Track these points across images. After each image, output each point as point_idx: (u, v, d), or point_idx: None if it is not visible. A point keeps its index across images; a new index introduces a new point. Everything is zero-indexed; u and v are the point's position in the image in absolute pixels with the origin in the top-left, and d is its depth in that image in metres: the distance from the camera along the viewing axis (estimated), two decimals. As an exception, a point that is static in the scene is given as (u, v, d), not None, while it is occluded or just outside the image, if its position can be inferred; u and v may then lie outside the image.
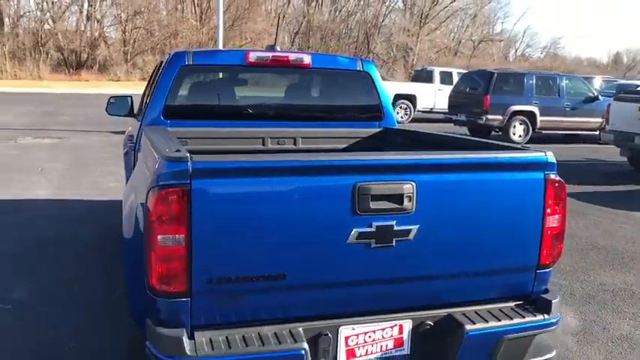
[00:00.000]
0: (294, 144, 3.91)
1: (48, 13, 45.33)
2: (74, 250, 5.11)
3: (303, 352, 2.16)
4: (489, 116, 14.36)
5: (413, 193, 2.27)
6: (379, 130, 4.03)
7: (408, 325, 2.42)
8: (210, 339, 2.16)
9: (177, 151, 2.21)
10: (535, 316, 2.52)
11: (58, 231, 5.66)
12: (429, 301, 2.45)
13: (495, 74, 14.78)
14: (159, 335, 2.10)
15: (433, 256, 2.38)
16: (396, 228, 2.27)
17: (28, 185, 7.82)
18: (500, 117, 14.45)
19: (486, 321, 2.43)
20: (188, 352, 2.08)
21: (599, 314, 4.28)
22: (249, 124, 3.85)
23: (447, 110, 16.48)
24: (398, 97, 19.35)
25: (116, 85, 36.18)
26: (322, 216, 2.21)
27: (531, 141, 14.67)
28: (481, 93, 14.51)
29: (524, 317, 2.50)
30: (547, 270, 2.61)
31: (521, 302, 2.59)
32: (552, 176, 2.51)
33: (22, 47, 43.12)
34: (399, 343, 2.42)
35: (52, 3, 45.52)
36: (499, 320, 2.45)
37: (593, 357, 3.63)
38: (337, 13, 60.59)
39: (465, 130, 15.89)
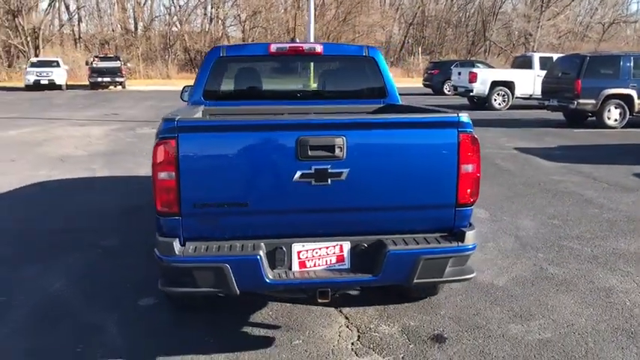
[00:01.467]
0: None
1: (175, 17, 49.04)
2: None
3: (258, 257, 3.03)
4: (581, 100, 14.21)
5: (343, 144, 3.07)
6: (382, 105, 4.77)
7: (347, 245, 3.21)
8: (195, 247, 3.10)
9: (174, 116, 3.15)
10: (450, 243, 3.22)
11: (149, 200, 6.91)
12: (364, 227, 3.22)
13: (587, 57, 14.58)
14: (160, 242, 3.08)
15: (362, 192, 3.15)
16: (330, 170, 3.07)
17: (136, 166, 9.29)
18: (593, 101, 14.25)
19: (406, 244, 3.17)
20: (177, 253, 3.03)
21: (593, 271, 4.75)
22: (271, 102, 4.75)
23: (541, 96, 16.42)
24: (495, 84, 19.40)
25: (234, 81, 38.23)
26: (274, 160, 3.07)
27: (629, 125, 14.36)
28: (573, 77, 14.38)
29: (439, 243, 3.21)
30: (466, 208, 3.28)
31: (445, 234, 3.28)
32: (465, 132, 3.18)
33: (154, 49, 47.07)
34: (340, 259, 3.22)
35: (179, 6, 49.24)
36: (417, 244, 3.18)
37: (565, 301, 4.18)
38: (454, 1, 59.80)
39: (559, 115, 15.79)
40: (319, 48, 4.70)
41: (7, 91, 29.99)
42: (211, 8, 49.81)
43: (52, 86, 29.75)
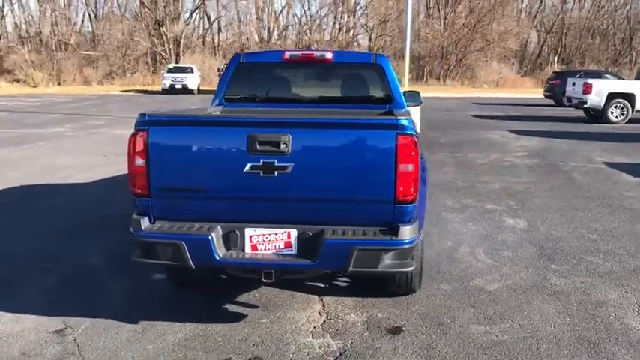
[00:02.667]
0: None
1: (306, 25, 50.88)
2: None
3: (209, 237, 3.47)
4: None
5: (288, 141, 3.42)
6: (386, 110, 5.00)
7: (294, 232, 3.56)
8: (160, 225, 3.60)
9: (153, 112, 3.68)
10: (385, 236, 3.45)
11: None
12: (309, 217, 3.54)
13: None
14: (132, 219, 3.62)
15: (306, 185, 3.48)
16: (276, 164, 3.44)
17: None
18: None
19: (344, 234, 3.46)
20: (143, 229, 3.55)
21: (597, 285, 4.70)
22: (284, 105, 5.17)
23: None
24: (612, 95, 18.32)
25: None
26: (228, 153, 3.50)
27: None
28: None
29: (375, 236, 3.46)
30: (405, 205, 3.49)
31: (385, 228, 3.52)
32: (403, 135, 3.40)
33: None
34: (287, 245, 3.57)
35: (310, 15, 51.05)
36: (353, 235, 3.45)
37: (546, 310, 4.21)
38: (598, 8, 56.44)
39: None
40: (329, 55, 5.05)
41: (146, 94, 33.00)
42: (340, 17, 51.10)
43: (185, 90, 32.24)
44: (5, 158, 10.82)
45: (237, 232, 3.57)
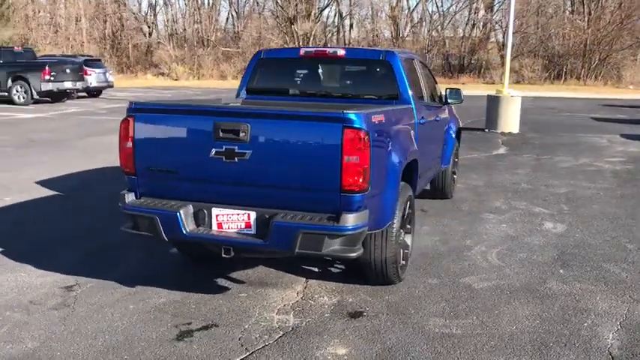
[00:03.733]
0: None
1: (437, 22, 50.14)
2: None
3: (178, 214, 3.90)
4: None
5: (247, 130, 3.76)
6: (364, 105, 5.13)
7: (253, 214, 3.88)
8: (144, 200, 4.09)
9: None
10: (328, 222, 3.67)
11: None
12: (266, 201, 3.85)
13: None
14: (120, 194, 4.14)
15: (262, 171, 3.79)
16: (237, 151, 3.79)
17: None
18: None
19: (291, 218, 3.73)
20: (127, 203, 4.06)
21: (594, 292, 4.53)
22: (296, 98, 5.45)
23: None
24: None
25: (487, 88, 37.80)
26: (197, 138, 3.90)
27: None
28: None
29: (319, 221, 3.68)
30: (351, 195, 3.68)
31: (331, 214, 3.73)
32: (350, 128, 3.60)
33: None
34: (248, 225, 3.90)
35: (442, 12, 50.28)
36: (300, 219, 3.71)
37: (520, 311, 4.18)
38: None
39: None
40: (341, 52, 5.27)
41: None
42: (474, 13, 49.82)
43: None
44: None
45: (206, 211, 3.96)
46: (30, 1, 45.73)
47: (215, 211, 3.95)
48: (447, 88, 6.76)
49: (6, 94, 19.91)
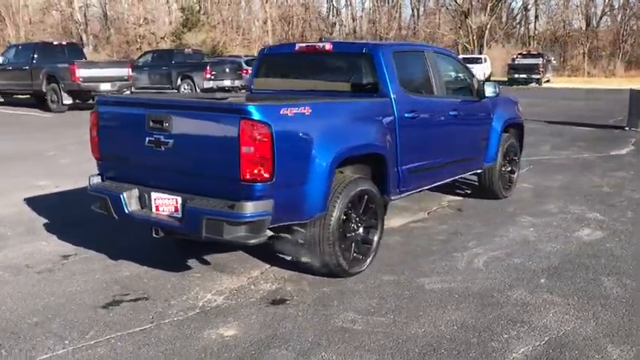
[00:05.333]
0: None
1: (632, 10, 45.41)
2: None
3: (121, 196, 4.36)
4: None
5: (170, 121, 4.09)
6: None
7: (180, 199, 4.19)
8: (104, 183, 4.62)
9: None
10: (227, 209, 3.85)
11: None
12: (187, 187, 4.14)
13: None
14: (89, 177, 4.71)
15: (181, 159, 4.09)
16: (162, 140, 4.14)
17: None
18: None
19: (198, 204, 3.98)
20: (91, 184, 4.62)
21: (570, 305, 4.16)
22: (293, 92, 5.58)
23: None
24: None
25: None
26: (137, 128, 4.31)
27: None
28: None
29: (220, 208, 3.88)
30: (252, 184, 3.82)
31: (234, 202, 3.90)
32: (246, 119, 3.75)
33: (599, 47, 44.89)
34: (176, 209, 4.23)
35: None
36: (206, 205, 3.94)
37: (464, 311, 4.01)
38: None
39: None
40: (329, 46, 5.30)
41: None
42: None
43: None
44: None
45: (147, 195, 4.37)
46: (227, 6, 50.12)
47: (154, 195, 4.34)
48: (483, 82, 6.41)
49: (175, 90, 22.27)
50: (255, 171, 3.80)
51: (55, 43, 20.41)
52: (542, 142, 11.83)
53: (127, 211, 4.36)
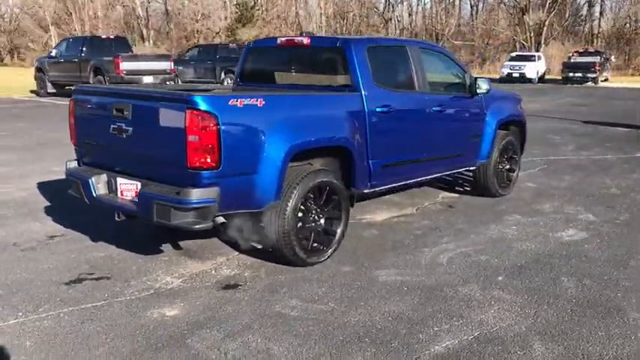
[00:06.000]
0: None
1: None
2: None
3: (90, 180, 4.61)
4: None
5: (129, 110, 4.31)
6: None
7: (139, 184, 4.41)
8: (81, 167, 4.89)
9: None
10: (172, 195, 4.03)
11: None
12: (145, 173, 4.35)
13: None
14: (66, 162, 4.99)
15: (140, 146, 4.30)
16: (123, 127, 4.37)
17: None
18: None
19: (151, 189, 4.17)
20: (67, 169, 4.90)
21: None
22: (273, 85, 5.70)
23: None
24: None
25: None
26: (105, 116, 4.55)
27: None
28: None
29: (168, 193, 4.06)
30: (197, 171, 3.98)
31: (181, 188, 4.07)
32: (192, 109, 3.91)
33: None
34: (136, 194, 4.44)
35: None
36: (156, 191, 4.13)
37: (405, 303, 4.07)
38: None
39: None
40: (307, 40, 5.39)
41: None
42: None
43: (523, 79, 31.50)
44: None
45: (113, 180, 4.61)
46: (282, 2, 50.61)
47: (119, 180, 4.57)
48: (475, 78, 6.36)
49: (220, 84, 22.79)
50: (202, 159, 3.96)
51: (103, 36, 21.25)
52: (568, 142, 11.52)
53: (94, 194, 4.61)
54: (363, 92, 5.07)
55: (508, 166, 7.12)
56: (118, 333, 3.65)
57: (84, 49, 19.04)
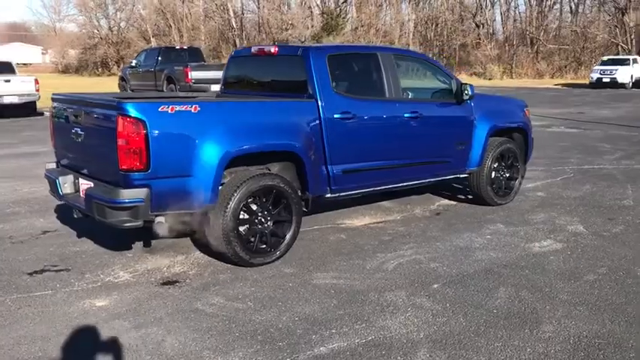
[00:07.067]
0: None
1: None
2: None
3: (57, 180, 5.05)
4: None
5: (82, 116, 4.71)
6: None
7: (93, 184, 4.80)
8: (58, 168, 5.35)
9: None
10: (106, 194, 4.36)
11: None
12: (97, 174, 4.72)
13: None
14: (45, 164, 5.47)
15: (91, 149, 4.68)
16: (78, 132, 4.77)
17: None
18: None
19: (92, 189, 4.53)
20: (45, 169, 5.38)
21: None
22: (247, 92, 5.91)
23: None
24: None
25: None
26: (67, 122, 4.98)
27: None
28: None
29: (104, 193, 4.40)
30: (127, 173, 4.28)
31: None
32: (121, 115, 4.23)
33: None
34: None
35: None
36: (94, 190, 4.49)
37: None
38: None
39: None
40: (274, 49, 5.57)
41: (572, 88, 31.99)
42: None
43: (614, 84, 29.80)
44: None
45: (77, 181, 5.03)
46: (370, 9, 50.79)
47: (81, 180, 4.98)
48: (461, 84, 6.28)
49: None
50: (131, 162, 4.26)
51: (177, 47, 22.34)
52: (616, 150, 10.91)
53: (61, 193, 5.05)
54: (319, 99, 5.18)
55: (508, 175, 6.92)
56: (44, 318, 4.01)
57: (159, 58, 20.19)
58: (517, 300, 4.25)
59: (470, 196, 7.22)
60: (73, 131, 4.84)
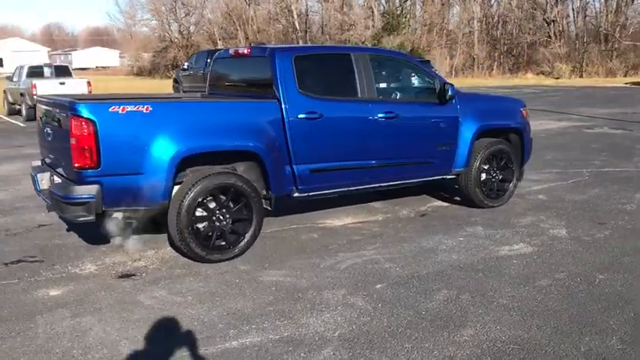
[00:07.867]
0: None
1: None
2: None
3: (35, 175, 5.36)
4: None
5: (51, 116, 5.00)
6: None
7: (61, 179, 5.08)
8: (38, 166, 5.69)
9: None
10: (60, 191, 4.62)
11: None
12: (63, 171, 4.99)
13: None
14: (32, 162, 5.83)
15: (56, 147, 4.97)
16: (49, 131, 5.07)
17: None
18: None
19: (53, 185, 4.81)
20: (31, 166, 5.74)
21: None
22: (227, 92, 6.05)
23: None
24: None
25: None
26: (45, 122, 5.29)
27: None
28: None
29: (58, 189, 4.67)
30: (80, 171, 4.52)
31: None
32: (73, 115, 4.48)
33: None
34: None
35: None
36: (54, 186, 4.76)
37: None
38: None
39: None
40: (247, 51, 5.69)
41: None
42: None
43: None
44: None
45: (53, 177, 5.34)
46: (433, 8, 50.07)
47: (55, 178, 5.28)
48: (444, 84, 6.19)
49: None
50: (82, 160, 4.50)
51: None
52: (648, 152, 10.38)
53: (38, 188, 5.37)
54: (282, 99, 5.27)
55: (500, 176, 6.76)
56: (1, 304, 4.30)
57: (208, 60, 20.70)
58: (453, 303, 4.19)
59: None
60: (45, 131, 5.15)
